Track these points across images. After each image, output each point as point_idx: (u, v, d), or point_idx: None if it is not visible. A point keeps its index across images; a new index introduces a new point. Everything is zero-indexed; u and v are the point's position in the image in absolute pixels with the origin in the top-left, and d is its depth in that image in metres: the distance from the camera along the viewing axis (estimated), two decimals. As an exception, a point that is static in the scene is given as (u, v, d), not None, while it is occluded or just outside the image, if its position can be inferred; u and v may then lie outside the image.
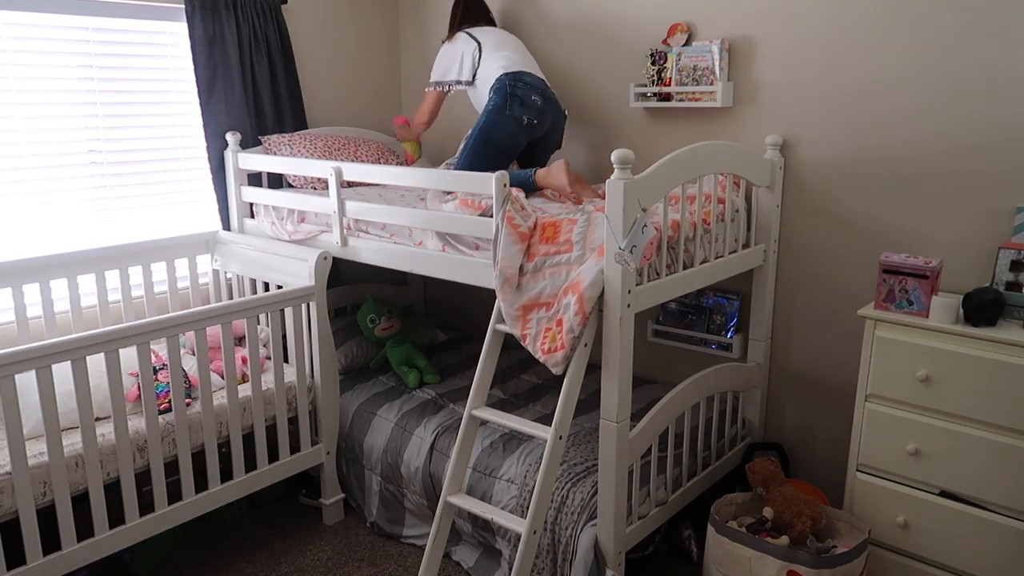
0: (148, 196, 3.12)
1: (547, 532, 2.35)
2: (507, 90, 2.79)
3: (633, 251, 1.97)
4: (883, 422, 2.27)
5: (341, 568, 2.70)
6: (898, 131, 2.47)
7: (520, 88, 2.80)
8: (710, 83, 2.75)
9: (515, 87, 2.79)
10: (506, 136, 2.79)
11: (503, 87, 2.80)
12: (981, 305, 2.10)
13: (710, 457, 2.68)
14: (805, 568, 2.10)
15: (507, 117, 2.78)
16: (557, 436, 2.14)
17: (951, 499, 2.19)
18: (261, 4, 3.22)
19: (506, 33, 3.09)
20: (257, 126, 3.29)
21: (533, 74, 2.89)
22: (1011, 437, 2.06)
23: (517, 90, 2.79)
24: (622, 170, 1.97)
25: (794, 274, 2.78)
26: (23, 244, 2.80)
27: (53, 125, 2.83)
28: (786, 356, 2.85)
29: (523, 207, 2.31)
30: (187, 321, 2.41)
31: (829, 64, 2.57)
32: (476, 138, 2.81)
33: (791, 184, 2.72)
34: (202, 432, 2.53)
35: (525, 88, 2.80)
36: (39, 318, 2.76)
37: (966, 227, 2.39)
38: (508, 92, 2.78)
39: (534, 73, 2.90)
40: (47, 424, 2.12)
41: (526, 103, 2.79)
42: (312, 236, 2.94)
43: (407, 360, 3.24)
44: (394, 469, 2.82)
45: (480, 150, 2.79)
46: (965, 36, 2.30)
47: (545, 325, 2.17)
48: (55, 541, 2.21)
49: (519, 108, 2.78)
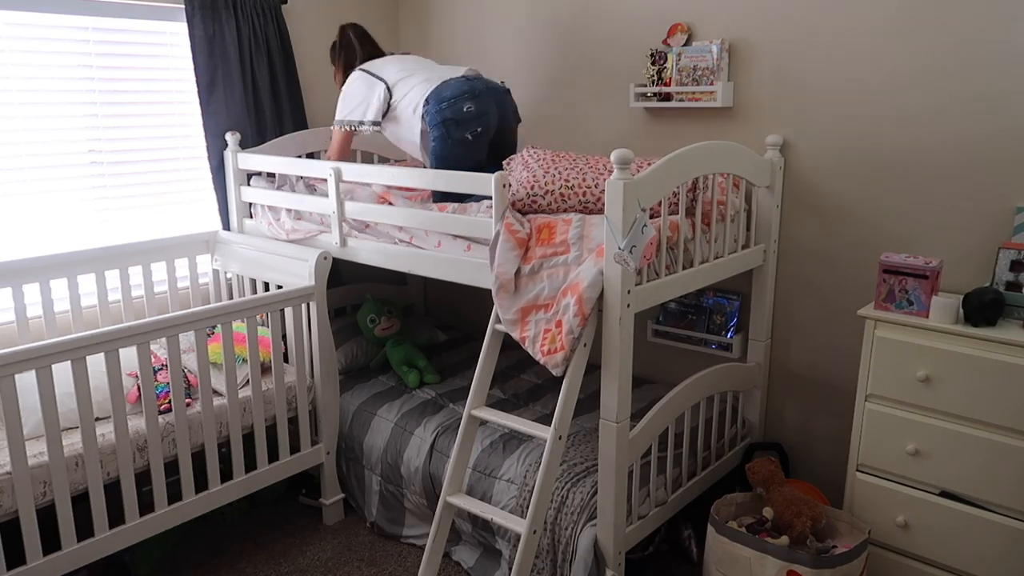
0: (148, 196, 3.13)
1: (547, 532, 2.35)
2: (438, 118, 2.65)
3: (633, 251, 1.97)
4: (883, 422, 2.27)
5: (341, 568, 2.70)
6: (898, 131, 2.47)
7: (447, 108, 2.65)
8: (710, 83, 2.75)
9: (442, 110, 2.65)
10: (461, 160, 2.68)
11: (432, 115, 2.67)
12: (981, 305, 2.10)
13: (710, 457, 2.68)
14: (805, 568, 2.10)
15: (453, 143, 2.67)
16: (557, 436, 2.14)
17: (951, 499, 2.19)
18: (261, 4, 3.22)
19: (397, 56, 2.97)
20: (257, 126, 3.29)
21: (450, 79, 2.73)
22: (1011, 437, 2.06)
23: (445, 112, 2.65)
24: (622, 170, 1.97)
25: (794, 274, 2.78)
26: (23, 244, 2.80)
27: (53, 125, 2.83)
28: (786, 356, 2.86)
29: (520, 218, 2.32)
30: (187, 321, 2.41)
31: (829, 64, 2.57)
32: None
33: (791, 184, 2.72)
34: (202, 432, 2.53)
35: (452, 104, 2.65)
36: (39, 318, 2.76)
37: (966, 227, 2.39)
38: (439, 120, 2.65)
39: (449, 77, 2.75)
40: (47, 424, 2.12)
41: (460, 121, 2.65)
42: (311, 236, 2.94)
43: (407, 360, 3.24)
44: (394, 469, 2.82)
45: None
46: (965, 36, 2.30)
47: (544, 326, 2.17)
48: (55, 541, 2.21)
49: (457, 129, 2.65)
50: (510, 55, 3.45)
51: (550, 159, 2.43)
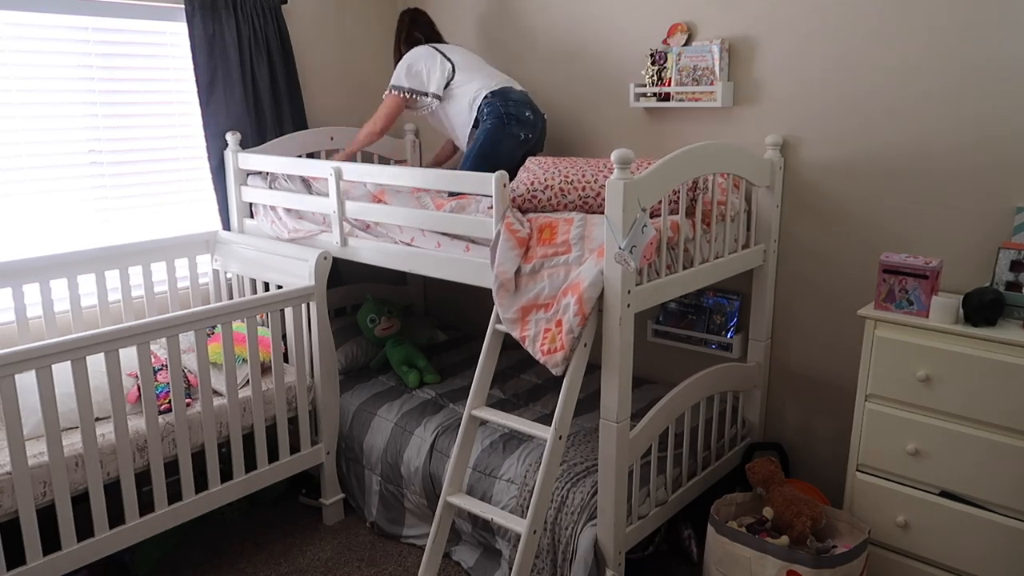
0: (148, 196, 3.12)
1: (547, 532, 2.35)
2: (501, 110, 2.81)
3: (633, 251, 1.97)
4: (883, 422, 2.27)
5: (341, 568, 2.70)
6: (898, 131, 2.47)
7: (512, 106, 2.83)
8: (710, 83, 2.75)
9: (507, 105, 2.83)
10: (506, 153, 2.83)
11: (495, 107, 2.83)
12: (981, 305, 2.10)
13: (710, 457, 2.68)
14: (805, 568, 2.10)
15: (506, 135, 2.82)
16: (557, 436, 2.14)
17: (951, 499, 2.19)
18: (261, 4, 3.22)
19: (469, 51, 3.11)
20: (257, 126, 3.29)
21: (516, 88, 2.93)
22: (1011, 437, 2.07)
23: (510, 108, 2.82)
24: (622, 170, 1.97)
25: (794, 274, 2.78)
26: (23, 244, 2.80)
27: (53, 125, 2.83)
28: (786, 356, 2.86)
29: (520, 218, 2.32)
30: (187, 321, 2.41)
31: (829, 64, 2.57)
32: (475, 156, 2.82)
33: (791, 184, 2.72)
34: (202, 432, 2.53)
35: (517, 105, 2.85)
36: (39, 318, 2.76)
37: (966, 227, 2.39)
38: (503, 111, 2.81)
39: (515, 87, 2.94)
40: (47, 424, 2.12)
41: (521, 120, 2.84)
42: (311, 235, 2.94)
43: (407, 360, 3.24)
44: (394, 469, 2.82)
45: (480, 168, 2.78)
46: (964, 36, 2.30)
47: (544, 326, 2.17)
48: (55, 541, 2.21)
49: (516, 125, 2.83)
50: (510, 55, 3.45)
51: (551, 163, 2.44)
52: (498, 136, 2.82)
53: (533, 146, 2.97)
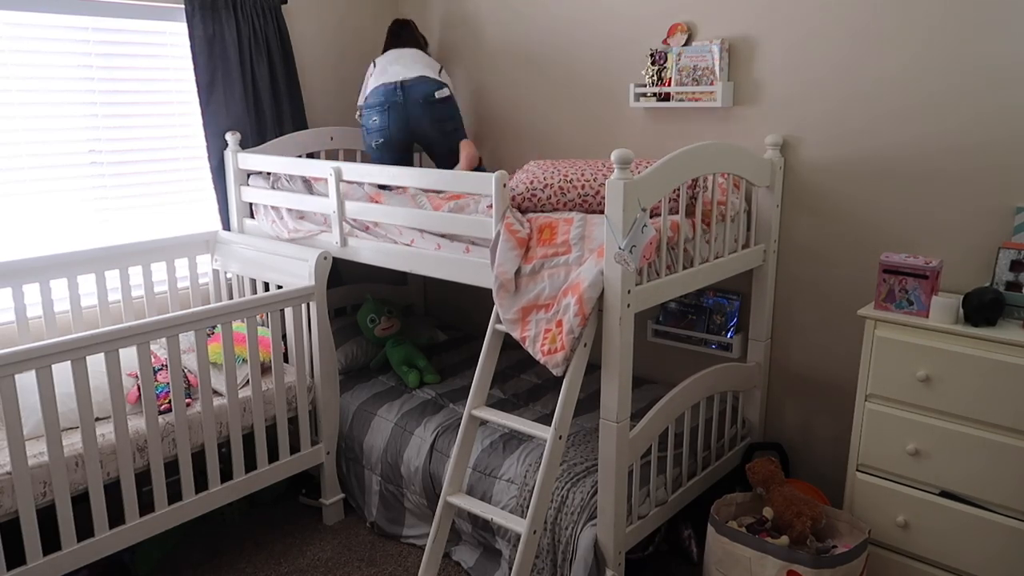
0: (148, 196, 3.12)
1: (547, 532, 2.35)
2: (361, 123, 3.13)
3: (633, 251, 1.97)
4: (883, 422, 2.27)
5: (341, 568, 2.70)
6: (898, 131, 2.47)
7: (364, 116, 3.12)
8: (710, 83, 2.75)
9: (361, 117, 3.13)
10: (381, 159, 3.12)
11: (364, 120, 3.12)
12: (981, 305, 2.10)
13: (710, 457, 2.68)
14: (805, 568, 2.10)
15: (368, 148, 3.16)
16: (557, 436, 2.14)
17: (951, 499, 2.19)
18: (261, 4, 3.22)
19: (398, 51, 3.21)
20: (257, 126, 3.29)
21: (382, 84, 3.06)
22: (1011, 437, 2.06)
23: (362, 119, 3.12)
24: (622, 170, 1.97)
25: (794, 274, 2.78)
26: (23, 244, 2.80)
27: (53, 125, 2.83)
28: (786, 356, 2.86)
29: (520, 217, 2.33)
30: (187, 321, 2.41)
31: (829, 64, 2.57)
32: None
33: (791, 184, 2.72)
34: (202, 432, 2.53)
35: (367, 113, 3.09)
36: (39, 318, 2.76)
37: (966, 227, 2.39)
38: (361, 125, 3.13)
39: (384, 82, 3.06)
40: (47, 424, 2.12)
41: (370, 129, 3.10)
42: (311, 235, 2.94)
43: (407, 360, 3.24)
44: (394, 469, 2.82)
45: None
46: (965, 37, 2.30)
47: (544, 326, 2.17)
48: (55, 541, 2.21)
49: (367, 136, 3.13)
50: (510, 56, 3.45)
51: (551, 164, 2.44)
52: (368, 150, 3.16)
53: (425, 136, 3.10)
